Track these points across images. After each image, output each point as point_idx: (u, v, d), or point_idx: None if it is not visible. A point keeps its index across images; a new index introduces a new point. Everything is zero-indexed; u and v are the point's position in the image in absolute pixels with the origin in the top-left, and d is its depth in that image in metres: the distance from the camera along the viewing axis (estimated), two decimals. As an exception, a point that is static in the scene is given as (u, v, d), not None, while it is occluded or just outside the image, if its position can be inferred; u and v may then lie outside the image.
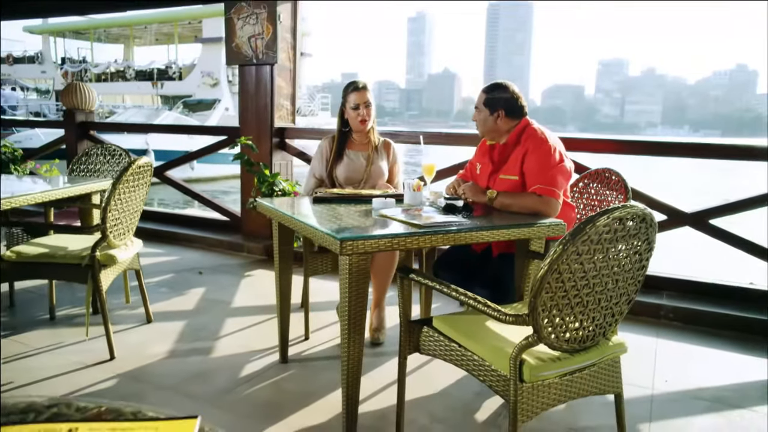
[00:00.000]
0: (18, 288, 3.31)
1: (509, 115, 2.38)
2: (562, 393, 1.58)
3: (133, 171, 2.55)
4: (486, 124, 2.41)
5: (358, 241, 1.71)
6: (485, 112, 2.40)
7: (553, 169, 2.26)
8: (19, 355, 2.55)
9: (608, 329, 1.61)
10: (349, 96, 2.78)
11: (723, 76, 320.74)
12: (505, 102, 2.37)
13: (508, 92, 2.39)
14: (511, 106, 2.37)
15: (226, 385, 2.34)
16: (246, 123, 4.63)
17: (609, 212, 1.40)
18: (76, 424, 0.63)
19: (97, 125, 5.91)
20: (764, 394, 2.39)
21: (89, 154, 3.67)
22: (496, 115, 2.38)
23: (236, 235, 4.74)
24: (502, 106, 2.37)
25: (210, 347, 2.72)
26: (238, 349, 2.69)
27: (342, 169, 2.89)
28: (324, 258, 2.86)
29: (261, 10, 4.35)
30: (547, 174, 2.24)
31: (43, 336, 2.77)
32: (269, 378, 2.41)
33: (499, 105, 2.37)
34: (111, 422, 0.65)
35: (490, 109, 2.39)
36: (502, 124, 2.39)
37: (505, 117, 2.38)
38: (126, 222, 2.66)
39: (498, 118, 2.38)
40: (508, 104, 2.37)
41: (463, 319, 1.85)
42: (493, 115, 2.38)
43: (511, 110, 2.37)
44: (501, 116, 2.37)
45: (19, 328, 2.86)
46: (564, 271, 1.40)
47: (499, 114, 2.37)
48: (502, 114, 2.37)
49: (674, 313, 3.20)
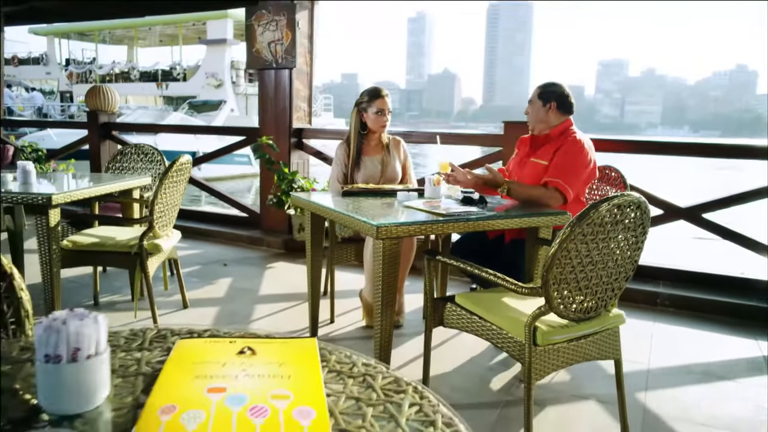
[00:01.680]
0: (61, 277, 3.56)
1: (560, 109, 2.69)
2: (570, 356, 1.84)
3: (176, 168, 2.81)
4: (538, 114, 2.71)
5: (392, 227, 1.97)
6: (538, 104, 2.71)
7: (576, 171, 2.55)
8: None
9: (609, 302, 1.87)
10: (375, 101, 3.01)
11: (723, 77, 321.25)
12: (557, 96, 2.68)
13: (560, 89, 2.71)
14: (562, 101, 2.68)
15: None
16: (265, 124, 4.88)
17: (609, 200, 1.66)
18: (233, 339, 0.90)
19: (120, 126, 6.17)
20: (748, 368, 2.65)
21: (124, 153, 3.93)
22: (548, 107, 2.68)
23: (255, 230, 5.00)
24: (554, 99, 2.68)
25: (245, 329, 2.98)
26: (271, 331, 2.94)
27: (360, 176, 3.10)
28: (347, 248, 3.12)
29: (281, 17, 4.61)
30: (567, 171, 2.53)
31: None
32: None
33: (552, 98, 2.68)
34: (256, 338, 0.92)
35: (543, 101, 2.69)
36: (552, 116, 2.69)
37: (556, 110, 2.68)
38: (168, 214, 2.93)
39: (549, 110, 2.68)
40: (560, 99, 2.68)
41: (482, 296, 2.11)
42: (546, 106, 2.68)
43: (562, 104, 2.69)
44: (552, 108, 2.68)
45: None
46: (571, 249, 1.66)
47: (550, 106, 2.68)
48: (553, 106, 2.68)
49: (670, 300, 3.46)
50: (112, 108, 6.02)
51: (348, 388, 0.78)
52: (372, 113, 3.04)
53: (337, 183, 3.11)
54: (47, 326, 0.65)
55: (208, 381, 0.74)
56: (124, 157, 3.93)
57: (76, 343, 0.65)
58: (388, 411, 0.72)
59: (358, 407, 0.73)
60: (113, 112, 6.03)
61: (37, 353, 0.65)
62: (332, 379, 0.81)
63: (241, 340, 0.89)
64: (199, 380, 0.74)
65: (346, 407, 0.73)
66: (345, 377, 0.81)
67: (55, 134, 12.17)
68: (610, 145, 4.04)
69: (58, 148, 6.56)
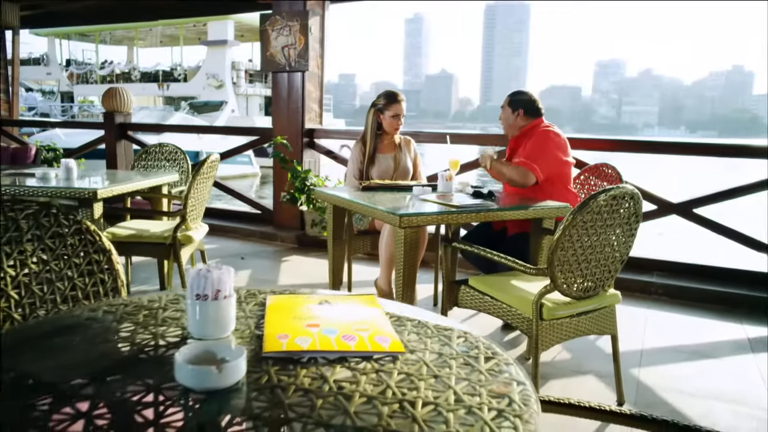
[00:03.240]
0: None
1: (527, 114, 2.98)
2: (572, 330, 2.08)
3: (208, 165, 3.05)
4: (508, 120, 3.03)
5: (413, 217, 2.21)
6: (508, 111, 3.02)
7: (542, 153, 2.83)
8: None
9: (606, 283, 2.11)
10: (392, 106, 3.25)
11: (719, 77, 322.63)
12: (524, 103, 2.99)
13: (527, 96, 3.02)
14: (529, 107, 2.98)
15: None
16: (278, 124, 5.12)
17: (606, 191, 1.90)
18: (309, 295, 1.14)
19: (135, 126, 6.40)
20: (732, 348, 2.91)
21: (148, 152, 4.17)
22: (516, 114, 2.98)
23: (269, 226, 5.24)
24: (521, 107, 2.98)
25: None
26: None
27: (375, 172, 3.35)
28: (363, 239, 3.35)
29: (294, 23, 4.85)
30: (534, 154, 2.82)
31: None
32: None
33: (519, 105, 2.98)
34: (328, 295, 1.15)
35: (512, 108, 3.00)
36: (520, 121, 2.99)
37: (524, 116, 2.97)
38: (198, 208, 3.16)
39: (518, 116, 2.98)
40: (527, 105, 2.98)
41: (492, 279, 2.36)
42: (515, 113, 2.98)
43: (529, 110, 2.98)
44: (520, 114, 2.98)
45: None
46: (573, 234, 1.90)
47: (518, 113, 2.98)
48: (521, 113, 2.98)
49: (663, 289, 3.71)
50: (128, 109, 6.25)
51: (407, 329, 1.02)
52: (388, 116, 3.28)
53: (354, 179, 3.34)
54: (197, 274, 0.88)
55: (303, 320, 0.98)
56: (149, 155, 4.16)
57: (218, 286, 0.88)
58: (441, 340, 0.96)
59: (419, 338, 0.97)
60: (128, 112, 6.27)
61: (189, 293, 0.88)
62: (393, 323, 1.05)
63: (315, 296, 1.13)
64: (297, 320, 0.98)
65: (410, 338, 0.96)
66: (403, 321, 1.05)
67: (64, 134, 12.40)
68: (607, 144, 4.30)
69: (74, 147, 6.79)
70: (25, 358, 0.86)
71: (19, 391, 0.77)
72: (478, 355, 0.90)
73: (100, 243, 1.39)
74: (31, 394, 0.76)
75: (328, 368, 0.83)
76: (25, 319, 1.27)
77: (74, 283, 1.35)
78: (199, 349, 0.83)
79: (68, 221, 1.37)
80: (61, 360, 0.86)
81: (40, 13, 7.16)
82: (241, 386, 0.77)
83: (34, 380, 0.80)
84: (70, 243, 1.36)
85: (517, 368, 0.87)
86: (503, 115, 3.06)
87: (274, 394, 0.75)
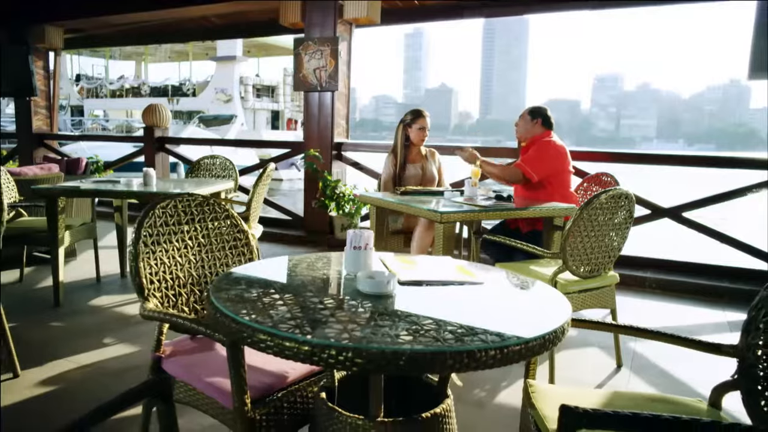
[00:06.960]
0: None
1: (543, 124, 3.53)
2: (579, 303, 2.61)
3: (267, 173, 3.59)
4: (526, 126, 3.56)
5: (450, 214, 2.75)
6: (528, 118, 3.56)
7: (540, 160, 3.36)
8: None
9: (607, 266, 2.64)
10: (418, 120, 3.81)
11: (716, 91, 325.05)
12: (542, 115, 3.55)
13: (545, 110, 3.59)
14: (546, 119, 3.55)
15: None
16: (309, 138, 5.67)
17: (606, 191, 2.45)
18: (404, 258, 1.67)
19: (172, 140, 6.97)
20: (714, 328, 3.45)
21: (200, 163, 4.71)
22: (536, 122, 3.53)
23: (299, 231, 5.77)
24: (540, 117, 3.54)
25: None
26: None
27: (406, 179, 3.89)
28: (398, 237, 3.89)
29: (325, 48, 5.42)
30: (531, 159, 3.36)
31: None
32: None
33: (539, 116, 3.54)
34: (413, 258, 1.69)
35: (532, 117, 3.55)
36: (536, 128, 3.53)
37: (541, 124, 3.53)
38: (257, 210, 3.70)
39: (536, 124, 3.53)
40: (544, 117, 3.55)
41: (511, 265, 2.89)
42: (534, 120, 3.53)
43: (545, 121, 3.54)
44: (538, 123, 3.53)
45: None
46: (581, 226, 2.44)
47: (537, 121, 3.53)
48: (539, 121, 3.53)
49: (655, 283, 4.24)
50: (165, 124, 6.83)
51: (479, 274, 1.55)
52: (415, 129, 3.83)
53: (390, 185, 3.89)
54: (354, 234, 1.41)
55: (414, 264, 1.52)
56: (200, 166, 4.71)
57: (367, 241, 1.41)
58: (525, 286, 1.49)
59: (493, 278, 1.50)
60: (166, 127, 6.84)
61: (348, 244, 1.41)
62: (466, 272, 1.58)
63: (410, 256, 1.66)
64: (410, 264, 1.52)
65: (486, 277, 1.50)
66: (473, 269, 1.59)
67: (88, 147, 12.97)
68: (606, 156, 4.84)
69: (113, 160, 7.35)
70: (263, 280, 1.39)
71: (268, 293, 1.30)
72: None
73: (241, 226, 1.93)
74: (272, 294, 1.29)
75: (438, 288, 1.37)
76: (198, 275, 1.80)
77: (226, 253, 1.89)
78: (369, 274, 1.35)
79: (220, 209, 1.90)
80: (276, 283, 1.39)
81: (82, 35, 7.75)
82: (394, 294, 1.30)
83: (274, 288, 1.33)
84: (223, 225, 1.89)
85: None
86: (521, 122, 3.58)
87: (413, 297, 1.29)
